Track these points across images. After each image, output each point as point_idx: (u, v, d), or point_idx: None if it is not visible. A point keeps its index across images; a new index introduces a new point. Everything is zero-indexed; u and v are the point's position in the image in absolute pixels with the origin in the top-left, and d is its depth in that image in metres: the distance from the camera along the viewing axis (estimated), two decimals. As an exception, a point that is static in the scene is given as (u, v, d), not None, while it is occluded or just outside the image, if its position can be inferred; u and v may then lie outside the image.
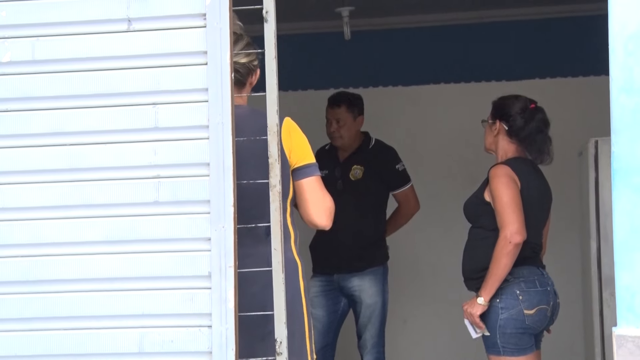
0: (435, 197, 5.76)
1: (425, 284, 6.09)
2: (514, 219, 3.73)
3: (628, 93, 2.83)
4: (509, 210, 3.75)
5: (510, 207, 3.75)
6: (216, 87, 2.74)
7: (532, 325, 3.79)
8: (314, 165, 3.05)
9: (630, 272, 2.82)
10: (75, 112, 2.80)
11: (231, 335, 2.70)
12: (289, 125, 3.00)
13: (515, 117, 3.93)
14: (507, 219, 3.74)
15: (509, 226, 3.73)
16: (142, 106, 2.78)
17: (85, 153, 2.79)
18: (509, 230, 3.72)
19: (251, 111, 3.02)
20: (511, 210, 3.75)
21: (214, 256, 2.73)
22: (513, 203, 3.76)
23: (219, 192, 2.73)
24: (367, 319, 4.91)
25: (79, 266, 2.78)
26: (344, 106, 4.93)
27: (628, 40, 2.83)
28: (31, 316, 2.78)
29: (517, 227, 3.73)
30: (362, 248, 4.83)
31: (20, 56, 2.81)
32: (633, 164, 2.83)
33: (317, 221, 3.04)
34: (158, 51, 2.78)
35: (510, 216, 3.74)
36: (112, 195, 2.78)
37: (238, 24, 3.00)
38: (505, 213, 3.75)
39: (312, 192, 3.03)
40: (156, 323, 2.75)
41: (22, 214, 2.80)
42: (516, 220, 3.73)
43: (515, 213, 3.74)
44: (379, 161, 4.95)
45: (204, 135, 2.75)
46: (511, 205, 3.76)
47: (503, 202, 3.77)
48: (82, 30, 2.81)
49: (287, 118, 3.01)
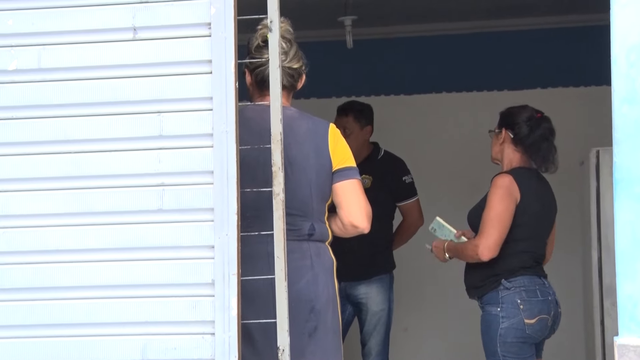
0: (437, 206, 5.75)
1: (427, 292, 6.09)
2: (493, 234, 3.76)
3: (630, 103, 2.85)
4: (492, 224, 3.77)
5: (494, 222, 3.77)
6: (221, 95, 2.75)
7: (532, 334, 3.80)
8: (355, 169, 3.10)
9: (632, 281, 2.82)
10: (80, 120, 2.81)
11: (234, 342, 2.71)
12: (334, 130, 3.08)
13: (521, 125, 3.94)
14: (486, 231, 3.77)
15: (485, 239, 3.76)
16: (147, 114, 2.79)
17: (90, 161, 2.80)
18: (482, 244, 3.76)
19: (300, 114, 3.08)
20: (492, 225, 3.77)
21: (218, 264, 2.73)
22: (499, 219, 3.77)
23: (223, 200, 2.74)
24: (373, 326, 4.91)
25: (83, 273, 2.79)
26: (351, 115, 4.93)
27: (630, 51, 2.85)
28: (35, 323, 2.79)
29: (490, 243, 3.75)
30: (370, 256, 4.84)
31: (26, 64, 2.83)
32: (635, 174, 2.83)
33: (357, 222, 3.06)
34: (163, 60, 2.80)
35: (490, 230, 3.77)
36: (116, 203, 2.79)
37: (289, 29, 3.05)
38: (487, 225, 3.78)
39: (354, 194, 3.06)
40: (160, 330, 2.76)
41: (27, 221, 2.81)
42: (493, 236, 3.76)
43: (495, 229, 3.76)
44: (386, 172, 4.95)
45: (208, 143, 2.76)
46: (496, 220, 3.77)
47: (490, 215, 3.79)
48: (88, 39, 2.82)
49: (332, 123, 3.10)
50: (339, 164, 3.06)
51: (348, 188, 3.05)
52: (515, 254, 3.82)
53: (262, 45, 3.01)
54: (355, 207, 3.05)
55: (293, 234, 2.95)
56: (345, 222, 3.06)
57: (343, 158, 3.07)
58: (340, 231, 3.11)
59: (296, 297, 2.90)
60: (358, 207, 3.05)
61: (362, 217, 3.05)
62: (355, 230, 3.09)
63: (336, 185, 3.06)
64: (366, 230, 3.09)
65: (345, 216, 3.06)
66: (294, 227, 2.97)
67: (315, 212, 3.04)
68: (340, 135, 3.11)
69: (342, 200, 3.06)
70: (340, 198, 3.06)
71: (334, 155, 3.05)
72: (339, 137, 3.10)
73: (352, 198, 3.05)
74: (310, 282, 2.98)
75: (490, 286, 3.84)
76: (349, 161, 3.09)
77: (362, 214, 3.05)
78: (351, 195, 3.05)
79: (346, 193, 3.05)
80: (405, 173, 5.00)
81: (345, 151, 3.09)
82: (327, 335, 3.01)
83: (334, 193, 3.07)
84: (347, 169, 3.06)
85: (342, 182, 3.05)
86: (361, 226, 3.06)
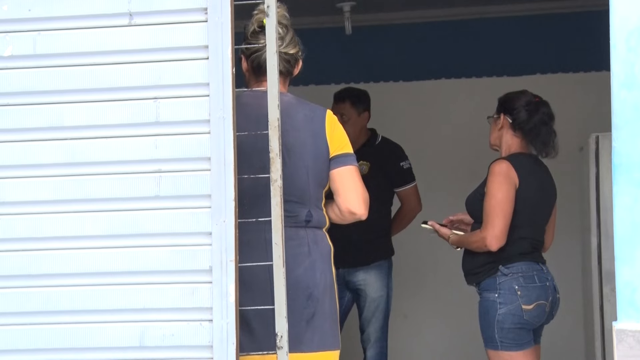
0: (436, 192, 5.76)
1: (426, 279, 6.09)
2: (498, 223, 3.75)
3: (629, 88, 2.83)
4: (495, 212, 3.76)
5: (496, 210, 3.76)
6: (217, 81, 2.74)
7: (530, 320, 3.80)
8: (353, 156, 3.09)
9: (631, 267, 2.82)
10: (76, 107, 2.80)
11: (232, 329, 2.70)
12: (332, 117, 3.07)
13: (519, 110, 3.94)
14: (491, 221, 3.76)
15: (491, 229, 3.75)
16: (144, 100, 2.78)
17: (86, 147, 2.79)
18: (489, 233, 3.75)
19: (297, 101, 3.07)
20: (495, 214, 3.76)
21: (215, 250, 2.73)
22: (501, 206, 3.76)
23: (220, 187, 2.73)
24: (371, 313, 4.92)
25: (79, 260, 2.78)
26: (349, 101, 4.93)
27: (629, 35, 2.83)
28: (32, 310, 2.78)
29: (497, 233, 3.74)
30: (368, 242, 4.84)
31: (21, 50, 2.81)
32: (634, 159, 2.83)
33: (355, 209, 3.05)
34: (159, 45, 2.78)
35: (494, 220, 3.75)
36: (113, 190, 2.78)
37: (285, 15, 3.05)
38: (491, 215, 3.77)
39: (351, 181, 3.05)
40: (157, 317, 2.76)
41: (23, 208, 2.80)
42: (499, 225, 3.75)
43: (499, 217, 3.75)
44: (384, 158, 4.95)
45: (205, 129, 2.75)
46: (498, 208, 3.76)
47: (491, 203, 3.77)
48: (83, 25, 2.81)
49: (329, 110, 3.08)
50: (336, 150, 3.04)
51: (345, 174, 3.04)
52: (513, 240, 3.81)
53: (258, 31, 3.00)
54: (353, 194, 3.04)
55: (290, 220, 2.94)
56: (343, 209, 3.05)
57: (340, 144, 3.06)
58: (338, 218, 3.10)
59: (294, 284, 2.89)
60: (355, 193, 3.04)
61: (360, 203, 3.04)
62: (352, 217, 3.08)
63: (333, 172, 3.04)
64: (363, 217, 3.08)
65: (342, 203, 3.05)
66: (291, 214, 2.96)
67: (312, 199, 3.03)
68: (337, 122, 3.09)
69: (339, 187, 3.05)
70: (337, 184, 3.05)
71: (331, 142, 3.04)
72: (336, 124, 3.08)
73: (349, 184, 3.04)
74: (307, 269, 2.97)
75: (487, 272, 3.84)
76: (346, 147, 3.07)
77: (360, 201, 3.04)
78: (348, 181, 3.04)
79: (343, 179, 3.04)
80: (403, 159, 4.99)
81: (342, 137, 3.08)
82: (324, 322, 3.00)
83: (331, 179, 3.06)
84: (344, 156, 3.05)
85: (339, 169, 3.04)
86: (358, 213, 3.05)
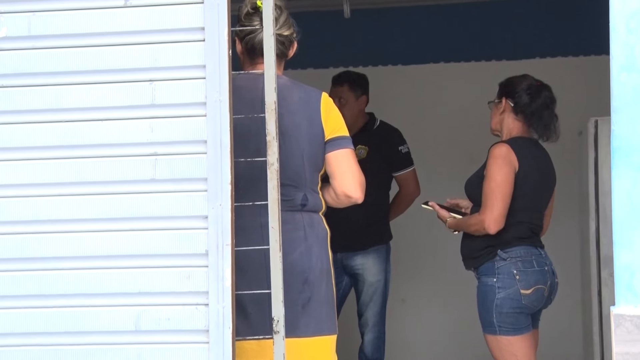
0: (435, 177, 5.75)
1: (424, 263, 6.09)
2: (497, 206, 3.74)
3: (629, 71, 2.82)
4: (494, 195, 3.75)
5: (495, 193, 3.75)
6: (214, 64, 2.72)
7: (528, 305, 3.79)
8: (348, 138, 3.06)
9: (629, 251, 2.82)
10: (71, 89, 2.78)
11: (228, 313, 2.69)
12: (327, 100, 3.04)
13: (521, 94, 3.92)
14: (490, 204, 3.74)
15: (490, 212, 3.73)
16: (139, 83, 2.76)
17: (82, 130, 2.77)
18: (488, 216, 3.73)
19: (292, 83, 3.05)
20: (495, 197, 3.74)
21: (211, 234, 2.72)
22: (500, 189, 3.75)
23: (217, 170, 2.72)
24: (369, 297, 4.91)
25: (75, 243, 2.77)
26: (347, 85, 4.91)
27: (630, 18, 2.82)
28: (27, 293, 2.77)
29: (496, 216, 3.73)
30: (366, 226, 4.82)
31: (16, 31, 2.79)
32: (633, 143, 2.81)
33: (351, 192, 3.03)
34: (155, 27, 2.76)
35: (494, 202, 3.74)
36: (108, 173, 2.77)
37: None
38: (490, 197, 3.75)
39: (346, 164, 3.03)
40: (153, 301, 2.75)
41: (18, 191, 2.79)
42: (498, 207, 3.73)
43: (498, 200, 3.74)
44: (382, 142, 4.93)
45: (202, 112, 2.74)
46: (497, 191, 3.75)
47: (491, 186, 3.76)
48: (78, 6, 2.78)
49: (324, 92, 3.06)
50: (331, 133, 3.02)
51: (341, 157, 3.02)
52: (512, 224, 3.80)
53: (252, 13, 2.98)
54: (349, 177, 3.02)
55: (286, 204, 2.92)
56: (339, 192, 3.04)
57: (335, 127, 3.04)
58: (334, 201, 3.08)
59: (289, 268, 2.88)
60: (351, 176, 3.02)
61: (356, 186, 3.02)
62: (348, 200, 3.06)
63: (329, 155, 3.02)
64: (360, 200, 3.06)
65: (338, 186, 3.03)
66: (287, 198, 2.94)
67: (308, 183, 3.01)
68: (332, 105, 3.07)
69: (335, 170, 3.03)
70: (333, 168, 3.03)
71: (327, 125, 3.01)
72: (332, 106, 3.06)
73: (345, 167, 3.02)
74: (303, 254, 2.95)
75: (486, 257, 3.83)
76: (342, 130, 3.05)
77: (356, 184, 3.02)
78: (344, 164, 3.02)
79: (339, 162, 3.02)
80: (402, 143, 4.98)
81: (337, 120, 3.05)
82: (320, 306, 2.99)
83: (327, 163, 3.04)
84: (340, 138, 3.03)
85: (334, 152, 3.02)
86: (354, 196, 3.03)
